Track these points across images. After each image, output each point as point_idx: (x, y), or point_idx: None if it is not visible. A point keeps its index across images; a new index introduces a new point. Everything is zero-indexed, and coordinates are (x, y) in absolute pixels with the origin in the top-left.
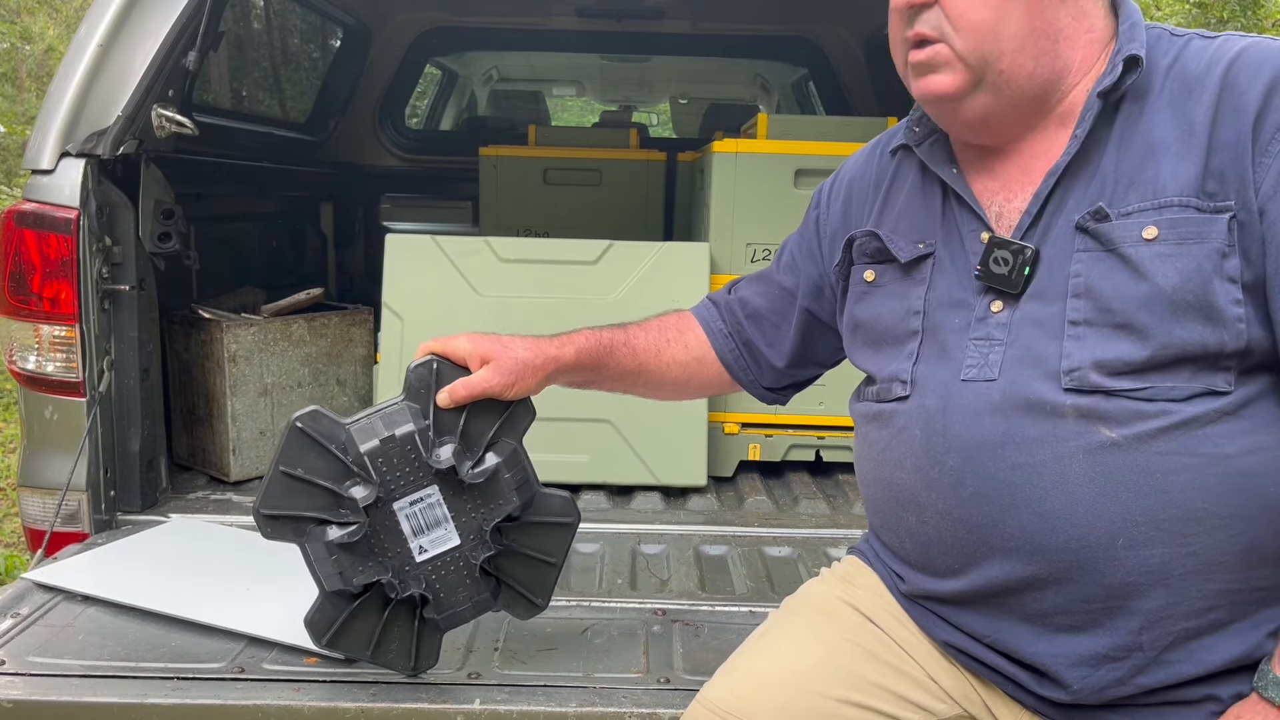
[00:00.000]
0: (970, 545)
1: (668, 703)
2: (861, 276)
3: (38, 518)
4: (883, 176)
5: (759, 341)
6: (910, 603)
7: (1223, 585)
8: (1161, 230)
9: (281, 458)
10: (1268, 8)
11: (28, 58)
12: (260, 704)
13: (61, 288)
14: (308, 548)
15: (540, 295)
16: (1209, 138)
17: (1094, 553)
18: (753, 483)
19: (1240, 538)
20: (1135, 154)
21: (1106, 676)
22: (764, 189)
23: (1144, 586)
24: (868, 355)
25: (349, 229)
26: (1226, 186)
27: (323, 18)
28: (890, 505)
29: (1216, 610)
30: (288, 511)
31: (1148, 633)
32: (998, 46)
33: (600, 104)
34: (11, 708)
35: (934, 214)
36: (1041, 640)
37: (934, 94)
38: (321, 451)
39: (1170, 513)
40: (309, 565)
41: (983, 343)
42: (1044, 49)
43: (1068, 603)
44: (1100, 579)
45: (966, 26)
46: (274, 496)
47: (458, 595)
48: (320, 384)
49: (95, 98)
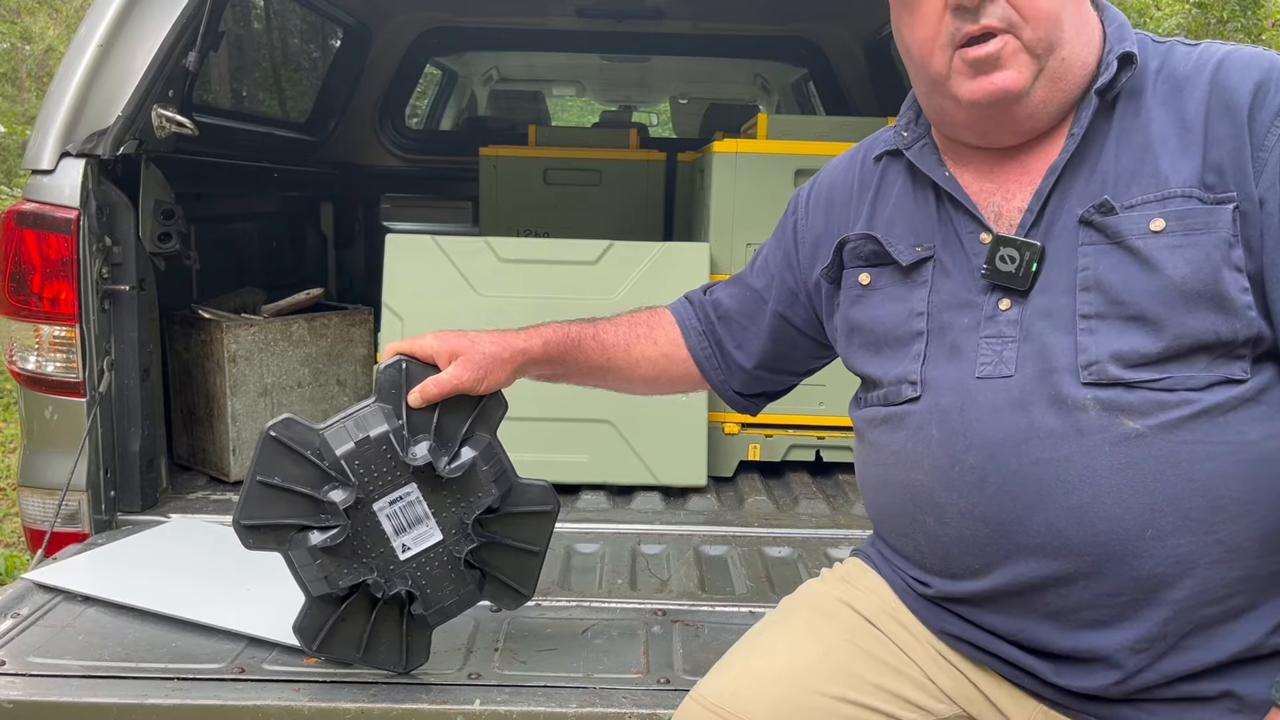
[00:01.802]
0: (994, 544)
1: (668, 703)
2: (856, 280)
3: (38, 518)
4: (867, 183)
5: (728, 343)
6: (924, 602)
7: (1244, 572)
8: (1169, 222)
9: (258, 468)
10: (1267, 8)
11: (28, 58)
12: (260, 704)
13: (61, 288)
14: (291, 555)
15: (540, 295)
16: (1204, 133)
17: (1122, 545)
18: (753, 483)
19: (1262, 522)
20: (1135, 149)
21: (1132, 665)
22: (764, 189)
23: (1172, 577)
24: (866, 358)
25: (349, 229)
26: (1226, 179)
27: (323, 18)
28: (905, 509)
29: (1237, 597)
30: (268, 521)
31: (1173, 623)
32: (1061, 35)
33: (600, 104)
34: (11, 708)
35: (929, 217)
36: (1067, 637)
37: (1001, 91)
38: (297, 458)
39: (1197, 501)
40: (293, 572)
41: (995, 340)
42: (1085, 38)
43: (1094, 598)
44: (1129, 571)
45: (1037, 15)
46: (253, 506)
47: (444, 590)
48: (320, 384)
49: (95, 98)
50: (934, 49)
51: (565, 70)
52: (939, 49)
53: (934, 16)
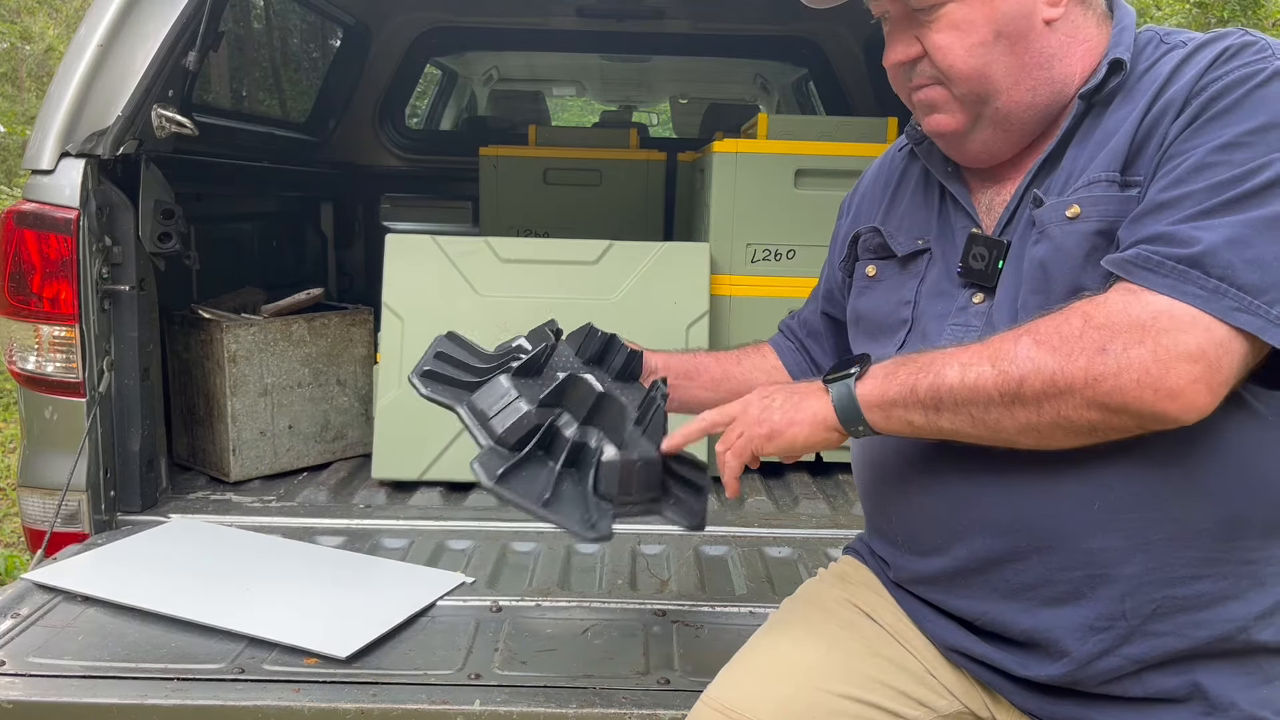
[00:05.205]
0: (953, 519)
1: (668, 703)
2: (864, 271)
3: (38, 518)
4: (892, 176)
5: (818, 355)
6: (904, 594)
7: (1205, 554)
8: (1084, 208)
9: (437, 345)
10: (1268, 8)
11: (28, 58)
12: (260, 705)
13: (61, 288)
14: (475, 397)
15: (540, 295)
16: (1136, 128)
17: (1072, 518)
18: (753, 483)
19: (1219, 506)
20: (1091, 147)
21: (1094, 648)
22: (764, 189)
23: (1122, 551)
24: (866, 346)
25: (349, 229)
26: (1141, 166)
27: (323, 18)
28: (876, 485)
29: (1202, 581)
30: (450, 374)
31: (1130, 599)
32: (991, 88)
33: (600, 104)
34: (11, 708)
35: (932, 211)
36: (1028, 615)
37: (938, 131)
38: (476, 352)
39: (1140, 477)
40: (471, 422)
41: (960, 328)
42: (1039, 78)
43: (1049, 572)
44: (1079, 544)
45: (956, 77)
46: (436, 364)
47: (635, 448)
48: (320, 384)
49: (95, 98)
50: (899, 83)
51: (565, 70)
52: (901, 85)
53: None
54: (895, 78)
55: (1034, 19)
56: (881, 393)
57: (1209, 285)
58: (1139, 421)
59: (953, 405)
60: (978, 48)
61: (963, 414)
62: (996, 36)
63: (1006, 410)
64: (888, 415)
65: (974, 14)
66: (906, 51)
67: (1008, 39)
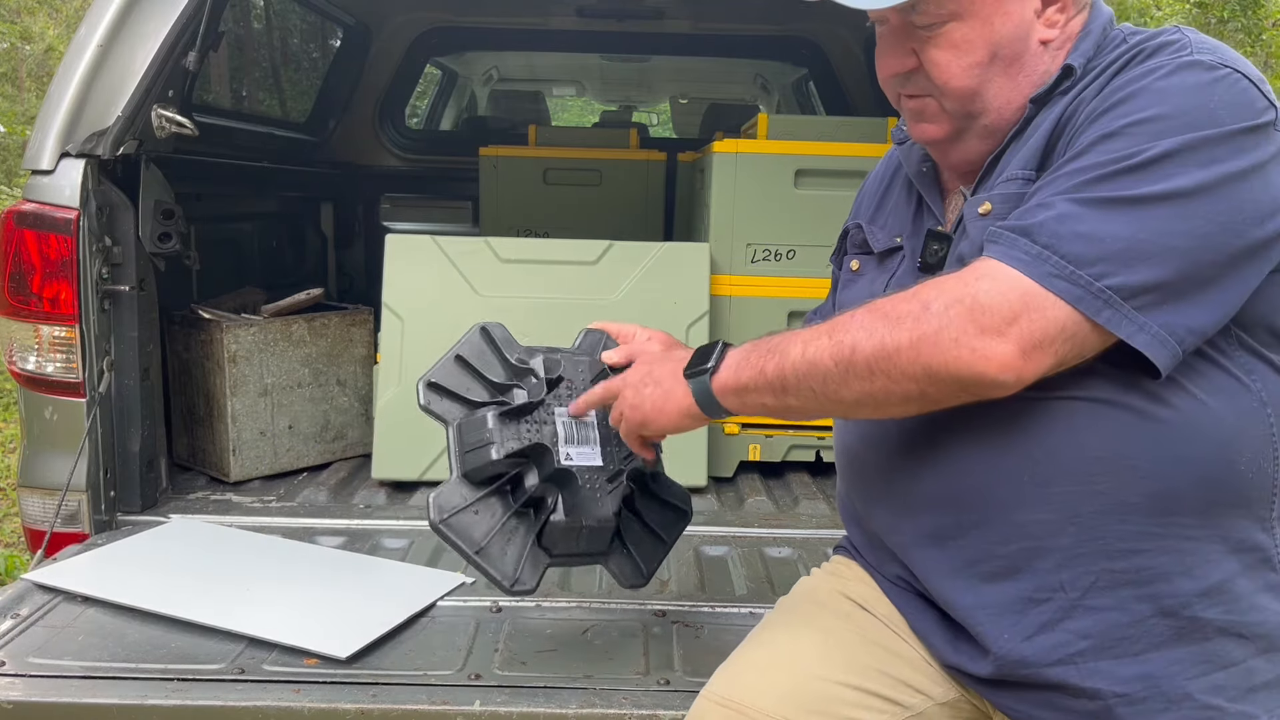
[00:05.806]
0: (900, 496)
1: (668, 704)
2: (849, 266)
3: (38, 518)
4: (887, 174)
5: None
6: (890, 585)
7: (1140, 528)
8: (994, 205)
9: (461, 348)
10: (1268, 8)
11: (28, 58)
12: (260, 705)
13: (61, 288)
14: (462, 423)
15: (540, 295)
16: (1056, 123)
17: (1006, 491)
18: (753, 483)
19: (1147, 480)
20: (1022, 147)
21: (1036, 620)
22: (764, 189)
23: (1054, 523)
24: None
25: (349, 229)
26: (1051, 161)
27: (323, 18)
28: (842, 468)
29: (1141, 554)
30: (452, 388)
31: (1066, 570)
32: (981, 105)
33: (600, 104)
34: (11, 709)
35: (911, 209)
36: (971, 592)
37: (924, 139)
38: (499, 355)
39: (1069, 452)
40: (455, 445)
41: None
42: (1029, 96)
43: (988, 545)
44: (1013, 517)
45: (950, 92)
46: (444, 374)
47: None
48: (320, 384)
49: (95, 98)
50: (890, 88)
51: (565, 70)
52: (891, 91)
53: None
54: (886, 82)
55: (1030, 41)
56: (735, 380)
57: (1032, 251)
58: (960, 383)
59: (796, 382)
60: (974, 68)
61: (805, 390)
62: (993, 58)
63: (843, 381)
64: (742, 400)
65: (974, 34)
66: (903, 63)
67: (1003, 60)
